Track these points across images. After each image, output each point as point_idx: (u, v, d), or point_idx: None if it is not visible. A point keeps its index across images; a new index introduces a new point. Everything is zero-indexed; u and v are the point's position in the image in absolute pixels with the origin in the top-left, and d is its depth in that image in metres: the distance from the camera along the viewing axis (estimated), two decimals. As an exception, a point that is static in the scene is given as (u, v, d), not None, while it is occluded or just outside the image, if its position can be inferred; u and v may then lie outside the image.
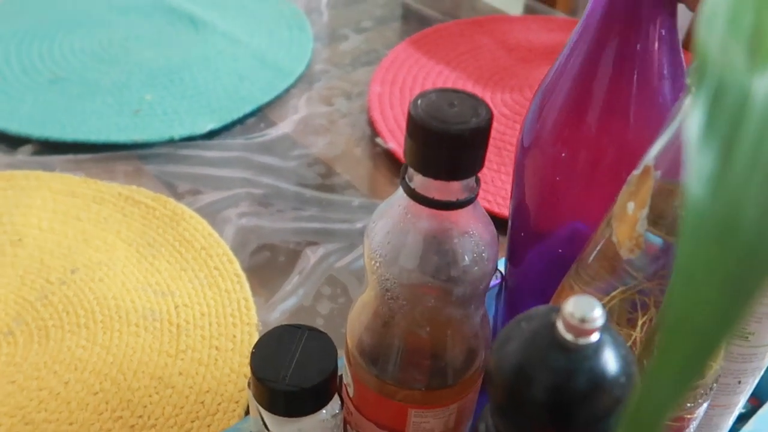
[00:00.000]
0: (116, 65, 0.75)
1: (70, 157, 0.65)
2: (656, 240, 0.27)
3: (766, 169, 0.15)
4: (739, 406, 0.38)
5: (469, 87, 0.75)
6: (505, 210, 0.61)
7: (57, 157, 0.65)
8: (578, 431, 0.24)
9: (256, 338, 0.50)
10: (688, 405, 0.30)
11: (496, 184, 0.64)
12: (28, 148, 0.66)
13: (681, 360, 0.14)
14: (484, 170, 0.64)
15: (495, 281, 0.43)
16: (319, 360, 0.35)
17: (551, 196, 0.40)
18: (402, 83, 0.76)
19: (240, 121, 0.71)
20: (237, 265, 0.55)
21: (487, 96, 0.74)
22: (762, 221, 0.14)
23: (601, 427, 0.24)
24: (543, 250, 0.43)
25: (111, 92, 0.72)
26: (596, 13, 0.33)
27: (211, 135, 0.69)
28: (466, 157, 0.29)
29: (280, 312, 0.53)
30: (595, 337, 0.23)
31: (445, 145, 0.29)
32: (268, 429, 0.35)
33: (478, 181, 0.31)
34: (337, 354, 0.35)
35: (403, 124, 0.70)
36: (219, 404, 0.46)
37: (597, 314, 0.23)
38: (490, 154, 0.66)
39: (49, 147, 0.66)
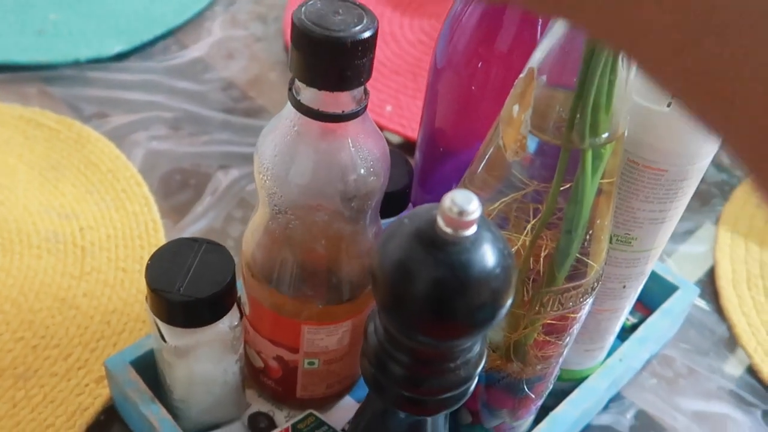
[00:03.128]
0: (18, -17, 0.71)
1: (-32, 78, 0.62)
2: (538, 142, 0.28)
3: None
4: (625, 311, 0.39)
5: (388, 12, 0.74)
6: (420, 135, 0.61)
7: (-47, 78, 0.62)
8: (458, 322, 0.25)
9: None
10: (570, 305, 0.31)
11: (411, 110, 0.64)
12: None
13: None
14: (400, 96, 0.64)
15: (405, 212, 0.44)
16: (216, 271, 0.35)
17: (461, 116, 0.40)
18: (320, 8, 0.74)
19: (151, 43, 0.68)
20: (145, 188, 0.54)
21: (405, 22, 0.73)
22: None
23: (480, 317, 0.25)
24: (450, 172, 0.43)
25: (13, 10, 0.68)
26: None
27: (120, 57, 0.66)
28: (351, 67, 0.29)
29: (190, 234, 0.53)
30: (472, 230, 0.24)
31: (328, 54, 0.29)
32: (165, 341, 0.35)
33: (366, 93, 0.31)
34: (234, 266, 0.35)
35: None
36: (125, 324, 0.46)
37: (474, 207, 0.23)
38: (406, 80, 0.66)
39: (-55, 67, 0.63)
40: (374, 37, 0.29)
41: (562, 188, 0.28)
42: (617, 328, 0.40)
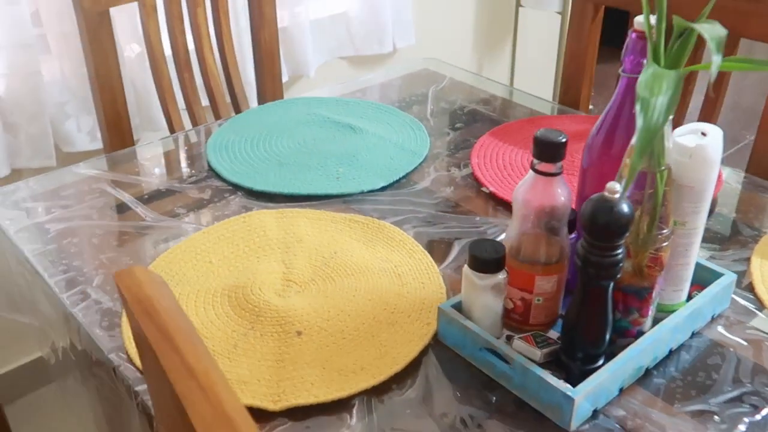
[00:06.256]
0: (315, 154, 1.23)
1: (306, 203, 1.11)
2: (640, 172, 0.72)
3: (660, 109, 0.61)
4: (690, 266, 0.81)
5: (527, 156, 1.21)
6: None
7: (298, 204, 1.11)
8: (612, 232, 0.68)
9: (438, 282, 0.94)
10: (658, 245, 0.73)
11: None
12: (277, 200, 1.12)
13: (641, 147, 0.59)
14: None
15: (573, 236, 0.87)
16: (497, 249, 0.79)
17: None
18: (489, 156, 1.22)
19: (397, 181, 1.17)
20: (421, 248, 1.00)
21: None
22: (656, 122, 0.60)
23: (620, 231, 0.68)
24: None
25: (317, 169, 1.19)
26: (615, 101, 0.79)
27: (383, 189, 1.15)
28: (557, 152, 0.75)
29: (449, 268, 0.97)
30: (618, 195, 0.68)
31: (550, 146, 0.74)
32: (476, 281, 0.78)
33: (562, 165, 0.76)
34: (504, 248, 0.79)
35: (494, 181, 1.16)
36: (430, 306, 0.89)
37: (618, 187, 0.68)
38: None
39: (293, 199, 1.12)
40: (566, 142, 0.75)
41: (650, 191, 0.72)
42: (689, 277, 0.81)
